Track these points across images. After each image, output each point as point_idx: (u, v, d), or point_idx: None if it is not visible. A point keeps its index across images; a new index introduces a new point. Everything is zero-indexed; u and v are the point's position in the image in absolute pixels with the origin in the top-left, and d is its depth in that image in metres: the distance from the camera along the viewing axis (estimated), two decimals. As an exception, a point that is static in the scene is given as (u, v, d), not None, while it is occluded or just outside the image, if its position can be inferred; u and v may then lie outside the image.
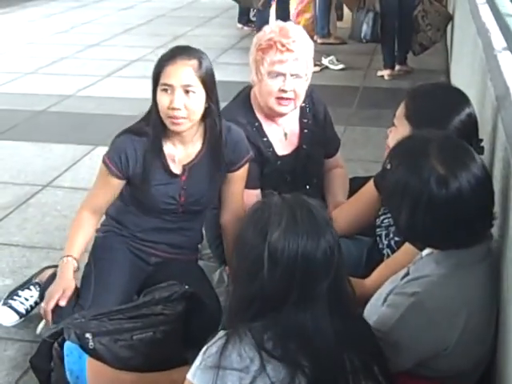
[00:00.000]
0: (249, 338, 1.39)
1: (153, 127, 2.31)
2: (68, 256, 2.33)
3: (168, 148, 2.35)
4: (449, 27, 5.98)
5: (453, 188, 1.53)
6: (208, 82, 2.27)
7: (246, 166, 2.47)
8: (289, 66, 2.50)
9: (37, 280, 2.58)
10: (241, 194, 2.51)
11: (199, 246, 2.71)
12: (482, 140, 1.99)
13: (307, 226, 1.44)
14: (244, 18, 7.89)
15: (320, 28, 7.07)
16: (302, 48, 2.54)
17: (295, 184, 2.70)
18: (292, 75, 2.51)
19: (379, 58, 6.02)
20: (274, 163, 2.65)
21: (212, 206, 2.58)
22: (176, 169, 2.37)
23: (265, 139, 2.64)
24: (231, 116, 2.52)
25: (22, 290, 2.54)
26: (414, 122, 2.01)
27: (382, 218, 2.24)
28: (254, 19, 7.82)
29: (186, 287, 2.22)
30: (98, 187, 2.41)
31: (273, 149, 2.65)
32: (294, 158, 2.69)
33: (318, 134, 2.74)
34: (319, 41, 7.08)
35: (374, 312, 1.69)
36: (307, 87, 2.63)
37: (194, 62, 2.24)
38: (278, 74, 2.50)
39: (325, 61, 6.23)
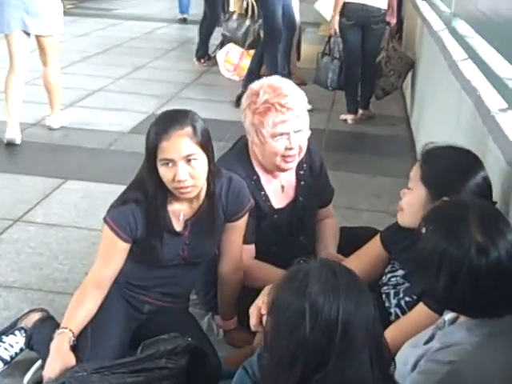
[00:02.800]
0: None
1: (153, 196, 2.23)
2: (65, 328, 2.22)
3: (173, 206, 2.30)
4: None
5: (492, 257, 1.54)
6: (206, 143, 2.23)
7: (247, 216, 2.45)
8: (291, 124, 2.48)
9: (22, 325, 2.47)
10: (240, 243, 2.49)
11: (189, 293, 2.66)
12: (496, 203, 2.02)
13: (347, 281, 1.45)
14: (199, 54, 7.88)
15: (281, 68, 7.12)
16: (299, 102, 2.52)
17: (290, 236, 2.69)
18: (295, 132, 2.50)
19: (340, 100, 6.10)
20: (271, 217, 2.63)
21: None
22: (179, 226, 2.33)
23: (262, 193, 2.62)
24: (229, 168, 2.48)
25: (7, 336, 2.43)
26: (430, 185, 2.03)
27: (388, 276, 2.24)
28: (213, 55, 7.87)
29: (189, 340, 2.17)
30: (105, 258, 2.31)
31: (270, 202, 2.63)
32: (290, 211, 2.68)
33: (314, 185, 2.74)
34: None
35: (401, 376, 1.68)
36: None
37: (189, 130, 2.18)
38: (282, 134, 2.48)
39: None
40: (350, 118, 5.86)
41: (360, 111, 5.93)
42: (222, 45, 7.87)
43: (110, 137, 5.06)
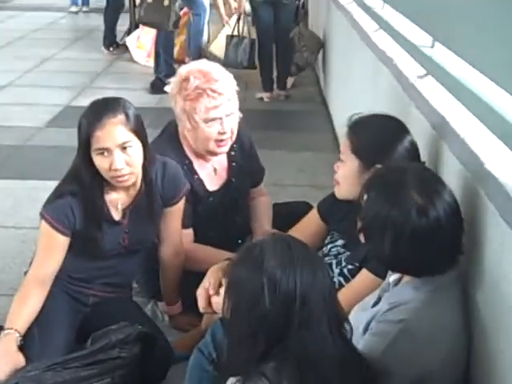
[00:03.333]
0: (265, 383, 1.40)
1: (89, 187, 2.22)
2: (10, 328, 2.17)
3: (110, 195, 2.29)
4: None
5: (432, 217, 1.61)
6: (140, 130, 2.23)
7: (184, 199, 2.46)
8: (223, 109, 2.49)
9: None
10: (179, 227, 2.50)
11: (130, 281, 2.66)
12: (424, 163, 2.10)
13: (302, 253, 1.50)
14: (107, 42, 7.75)
15: (193, 48, 7.09)
16: (230, 86, 2.54)
17: (226, 217, 2.72)
18: (227, 115, 2.51)
19: (254, 80, 6.13)
20: (206, 200, 2.65)
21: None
22: (117, 215, 2.32)
23: (196, 177, 2.63)
24: (161, 154, 2.47)
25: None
26: (361, 155, 2.09)
27: (329, 246, 2.30)
28: (121, 43, 7.75)
29: (139, 327, 2.17)
30: (45, 254, 2.28)
31: (204, 186, 2.65)
32: (224, 193, 2.70)
33: (245, 165, 2.77)
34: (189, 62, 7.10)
35: (354, 340, 1.74)
36: (236, 120, 2.65)
37: (122, 117, 2.17)
38: (215, 119, 2.49)
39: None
40: (265, 95, 5.90)
41: (277, 91, 5.97)
42: (129, 31, 7.78)
43: (26, 132, 4.93)
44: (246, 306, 1.46)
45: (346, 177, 2.14)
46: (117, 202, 2.30)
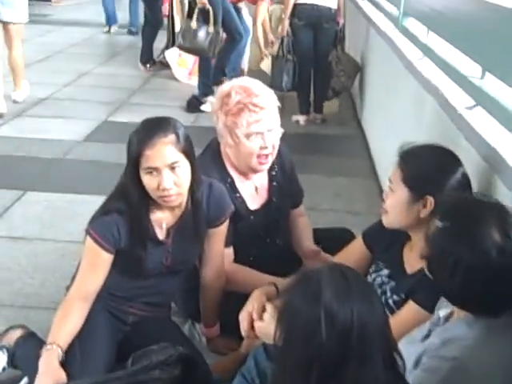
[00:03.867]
0: None
1: (136, 206, 2.22)
2: (53, 343, 2.16)
3: (155, 215, 2.29)
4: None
5: (509, 255, 1.56)
6: (189, 150, 2.22)
7: (228, 221, 2.45)
8: (265, 124, 2.50)
9: (3, 343, 2.42)
10: (222, 249, 2.49)
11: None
12: (476, 193, 2.07)
13: (358, 284, 1.48)
14: (144, 58, 7.81)
15: (231, 69, 7.13)
16: (271, 101, 2.55)
17: (268, 239, 2.71)
18: (269, 130, 2.52)
19: (291, 102, 6.13)
20: (247, 219, 2.64)
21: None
22: (161, 234, 2.31)
23: (237, 195, 2.62)
24: (204, 172, 2.46)
25: (-13, 356, 2.38)
26: (412, 185, 2.07)
27: (373, 276, 2.27)
28: (158, 60, 7.83)
29: (180, 349, 2.16)
30: (88, 270, 2.27)
31: (245, 204, 2.64)
32: (265, 212, 2.69)
33: (286, 186, 2.76)
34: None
35: (403, 375, 1.71)
36: (279, 138, 2.65)
37: (172, 137, 2.16)
38: (257, 134, 2.50)
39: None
40: (302, 119, 5.91)
41: (314, 114, 5.98)
42: (166, 48, 7.86)
43: (65, 146, 4.98)
44: (300, 338, 1.43)
45: (395, 206, 2.12)
46: (162, 221, 2.30)
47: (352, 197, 4.35)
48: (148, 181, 2.17)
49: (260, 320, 2.10)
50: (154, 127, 2.19)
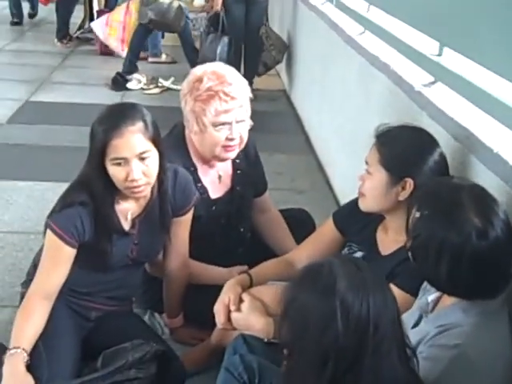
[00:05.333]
0: None
1: (101, 197, 2.09)
2: (17, 347, 2.02)
3: (120, 205, 2.17)
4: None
5: (492, 238, 1.55)
6: (157, 138, 2.11)
7: (193, 209, 2.35)
8: (234, 114, 2.39)
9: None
10: (187, 238, 2.40)
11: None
12: (453, 177, 2.05)
13: (371, 275, 1.43)
14: (60, 35, 7.50)
15: (152, 46, 6.95)
16: (243, 92, 2.44)
17: (229, 227, 2.64)
18: (237, 122, 2.41)
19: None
20: (209, 208, 2.54)
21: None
22: (127, 225, 2.20)
23: (199, 185, 2.51)
24: (167, 158, 2.35)
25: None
26: (391, 167, 2.02)
27: (347, 257, 2.23)
28: (75, 36, 7.54)
29: (154, 345, 2.06)
30: (50, 266, 2.13)
31: (207, 194, 2.54)
32: (228, 201, 2.61)
33: (250, 173, 2.68)
34: (150, 60, 6.96)
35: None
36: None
37: (140, 125, 2.04)
38: (224, 124, 2.39)
39: (166, 82, 6.12)
40: None
41: None
42: (82, 24, 7.58)
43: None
44: (314, 331, 1.37)
45: (373, 189, 2.07)
46: (127, 211, 2.18)
47: (293, 174, 4.31)
48: (115, 172, 2.04)
49: (238, 311, 2.03)
50: (120, 115, 2.05)
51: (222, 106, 2.35)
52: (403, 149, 2.05)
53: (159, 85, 6.03)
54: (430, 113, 2.45)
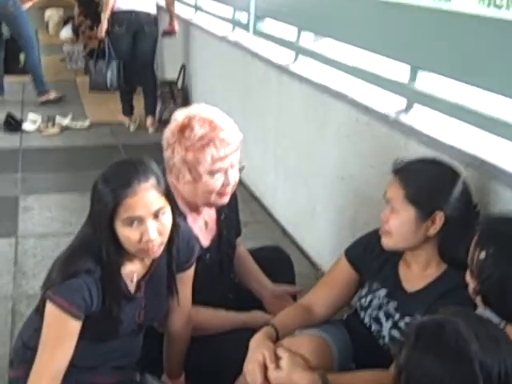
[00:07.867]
0: None
1: (111, 264, 1.88)
2: None
3: (126, 268, 1.96)
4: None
5: None
6: (169, 192, 1.92)
7: (195, 263, 2.17)
8: (230, 160, 2.23)
9: None
10: (190, 293, 2.22)
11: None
12: (477, 205, 2.02)
13: (494, 328, 1.36)
14: None
15: (39, 83, 6.60)
16: (236, 135, 2.27)
17: (222, 274, 2.48)
18: (231, 166, 2.26)
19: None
20: (203, 257, 2.36)
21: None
22: (132, 288, 2.00)
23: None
24: None
25: None
26: (418, 202, 1.95)
27: (369, 298, 2.11)
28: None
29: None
30: (56, 345, 1.88)
31: (200, 243, 2.35)
32: (217, 248, 2.45)
33: (231, 217, 2.54)
34: (40, 99, 6.61)
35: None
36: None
37: (153, 181, 1.84)
38: (220, 170, 2.23)
39: (64, 121, 5.80)
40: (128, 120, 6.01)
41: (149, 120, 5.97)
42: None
43: None
44: None
45: (401, 226, 1.98)
46: (133, 274, 1.98)
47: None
48: (127, 233, 1.83)
49: (277, 369, 1.87)
50: (130, 171, 1.83)
51: (220, 152, 2.19)
52: (429, 182, 1.98)
53: (57, 124, 5.71)
54: (419, 139, 2.44)
